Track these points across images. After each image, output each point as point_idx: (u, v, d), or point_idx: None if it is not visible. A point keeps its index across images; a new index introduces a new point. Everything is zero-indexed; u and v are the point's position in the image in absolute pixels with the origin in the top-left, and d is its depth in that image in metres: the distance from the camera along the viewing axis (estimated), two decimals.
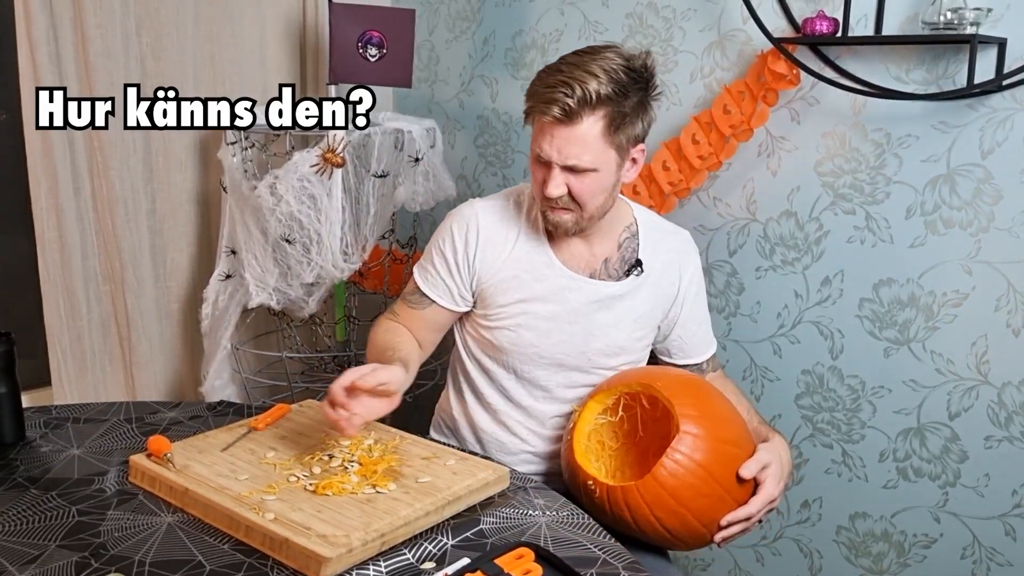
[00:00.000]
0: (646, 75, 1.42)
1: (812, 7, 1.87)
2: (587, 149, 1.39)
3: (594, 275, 1.56)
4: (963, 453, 1.83)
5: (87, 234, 2.12)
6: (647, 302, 1.58)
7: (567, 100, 1.35)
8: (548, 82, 1.38)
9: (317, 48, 2.44)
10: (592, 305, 1.55)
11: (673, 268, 1.60)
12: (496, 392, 1.62)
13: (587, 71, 1.36)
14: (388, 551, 1.10)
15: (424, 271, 1.61)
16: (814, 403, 2.02)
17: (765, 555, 2.15)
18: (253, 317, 2.30)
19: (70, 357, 2.12)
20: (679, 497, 1.34)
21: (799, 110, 1.93)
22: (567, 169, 1.41)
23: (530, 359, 1.57)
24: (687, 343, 1.64)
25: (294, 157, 2.05)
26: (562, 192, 1.42)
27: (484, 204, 1.61)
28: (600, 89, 1.35)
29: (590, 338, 1.56)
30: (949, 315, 1.80)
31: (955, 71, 1.72)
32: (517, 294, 1.55)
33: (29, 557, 1.08)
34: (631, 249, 1.58)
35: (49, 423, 1.50)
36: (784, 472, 1.45)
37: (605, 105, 1.36)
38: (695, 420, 1.37)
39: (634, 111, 1.40)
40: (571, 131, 1.37)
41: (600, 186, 1.44)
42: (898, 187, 1.83)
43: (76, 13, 2.00)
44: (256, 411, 1.53)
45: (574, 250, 1.56)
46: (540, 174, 1.45)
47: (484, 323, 1.58)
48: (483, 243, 1.56)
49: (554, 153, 1.40)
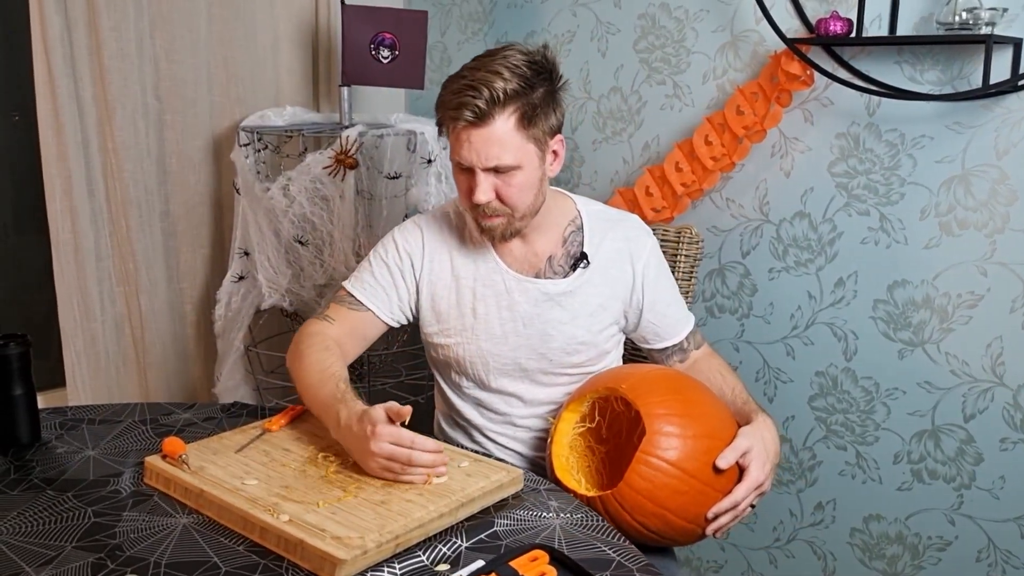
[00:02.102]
0: (548, 66, 1.42)
1: (826, 7, 1.87)
2: (505, 147, 1.39)
3: (540, 274, 1.55)
4: (978, 455, 1.82)
5: (101, 236, 2.13)
6: (600, 294, 1.56)
7: (476, 102, 1.36)
8: (453, 89, 1.39)
9: (329, 50, 2.44)
10: (542, 305, 1.54)
11: (623, 255, 1.57)
12: (472, 407, 1.62)
13: (490, 71, 1.37)
14: (402, 553, 1.10)
15: (360, 281, 1.58)
16: (828, 405, 2.01)
17: (778, 557, 2.15)
18: (266, 318, 2.31)
19: (84, 358, 2.13)
20: (656, 499, 1.32)
21: (813, 111, 1.93)
22: (491, 171, 1.41)
23: (492, 368, 1.57)
24: (660, 326, 1.60)
25: (307, 159, 2.05)
26: (490, 197, 1.42)
27: (427, 218, 1.61)
28: (506, 86, 1.36)
29: (547, 338, 1.55)
30: (964, 316, 1.79)
31: (970, 71, 1.71)
32: (468, 304, 1.55)
33: (46, 558, 1.08)
34: (576, 243, 1.56)
35: (64, 424, 1.50)
36: (770, 454, 1.40)
37: (513, 101, 1.37)
38: (664, 418, 1.34)
39: (544, 102, 1.41)
40: (486, 132, 1.38)
41: (527, 183, 1.43)
42: (912, 188, 1.82)
43: (90, 15, 2.01)
44: (269, 412, 1.54)
45: (516, 252, 1.56)
46: (464, 183, 1.45)
47: (441, 340, 1.58)
48: (429, 254, 1.56)
49: (474, 157, 1.40)
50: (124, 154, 2.11)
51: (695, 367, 1.60)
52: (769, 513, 2.14)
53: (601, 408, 1.50)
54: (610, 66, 2.25)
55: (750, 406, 1.50)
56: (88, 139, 2.06)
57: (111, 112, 2.07)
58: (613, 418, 1.52)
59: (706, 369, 1.59)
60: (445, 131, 1.45)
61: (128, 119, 2.10)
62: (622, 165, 2.27)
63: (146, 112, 2.14)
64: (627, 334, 1.64)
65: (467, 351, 1.57)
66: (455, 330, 1.57)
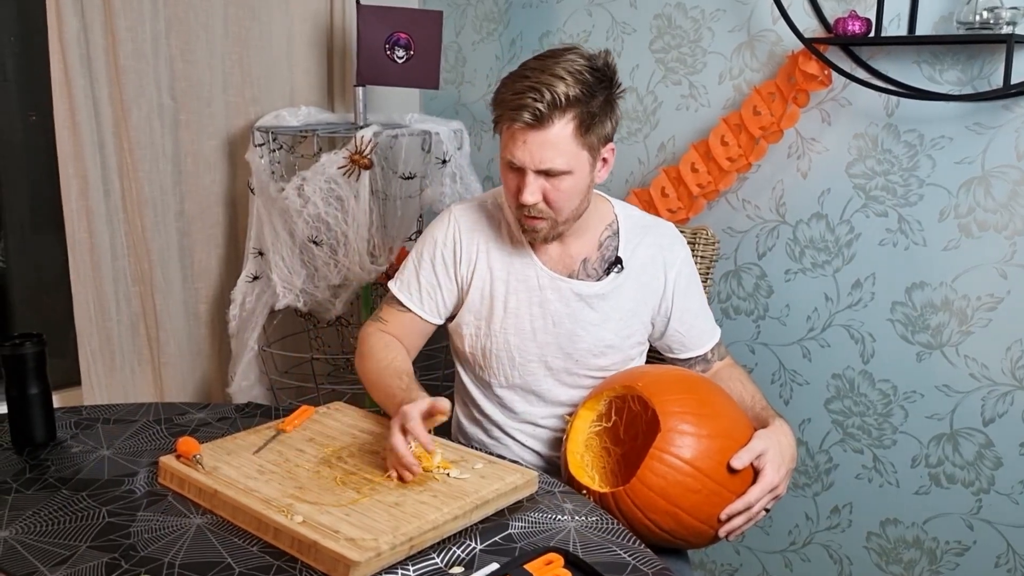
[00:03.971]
0: (609, 73, 1.42)
1: (844, 7, 1.85)
2: (560, 152, 1.38)
3: (573, 275, 1.55)
4: (997, 459, 1.80)
5: (117, 235, 2.13)
6: (631, 299, 1.56)
7: (537, 105, 1.35)
8: (515, 89, 1.38)
9: (344, 50, 2.44)
10: (573, 305, 1.54)
11: (656, 263, 1.57)
12: (492, 402, 1.62)
13: (553, 74, 1.36)
14: (416, 555, 1.10)
15: (405, 284, 1.60)
16: (844, 407, 1.99)
17: (794, 561, 2.13)
18: (280, 318, 2.31)
19: (99, 357, 2.14)
20: (669, 497, 1.31)
21: (830, 111, 1.91)
22: (541, 174, 1.41)
23: (517, 363, 1.57)
24: (686, 336, 1.61)
25: (321, 159, 2.05)
26: (537, 199, 1.42)
27: (463, 208, 1.61)
28: (568, 92, 1.35)
29: (575, 338, 1.55)
30: (983, 319, 1.77)
31: (990, 71, 1.70)
32: (500, 296, 1.56)
33: (60, 558, 1.09)
34: (612, 248, 1.57)
35: (79, 423, 1.51)
36: (785, 457, 1.40)
37: (574, 107, 1.37)
38: (679, 416, 1.34)
39: (602, 110, 1.41)
40: (543, 135, 1.37)
41: (575, 189, 1.43)
42: (931, 189, 1.81)
43: (107, 16, 2.02)
44: (283, 412, 1.53)
45: (552, 252, 1.56)
46: (513, 182, 1.45)
47: (470, 330, 1.58)
48: (465, 247, 1.57)
49: (527, 158, 1.39)
50: (139, 154, 2.12)
51: (716, 376, 1.60)
52: (785, 516, 2.13)
53: (618, 409, 1.50)
54: (626, 66, 2.24)
55: (768, 412, 1.50)
56: (104, 139, 2.07)
57: (127, 112, 2.08)
58: (630, 420, 1.51)
59: (727, 378, 1.59)
60: (499, 129, 1.44)
61: (144, 119, 2.11)
62: (637, 166, 2.26)
63: (161, 112, 2.15)
64: (652, 342, 1.64)
65: (494, 343, 1.57)
66: (484, 321, 1.57)
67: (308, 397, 2.34)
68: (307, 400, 2.28)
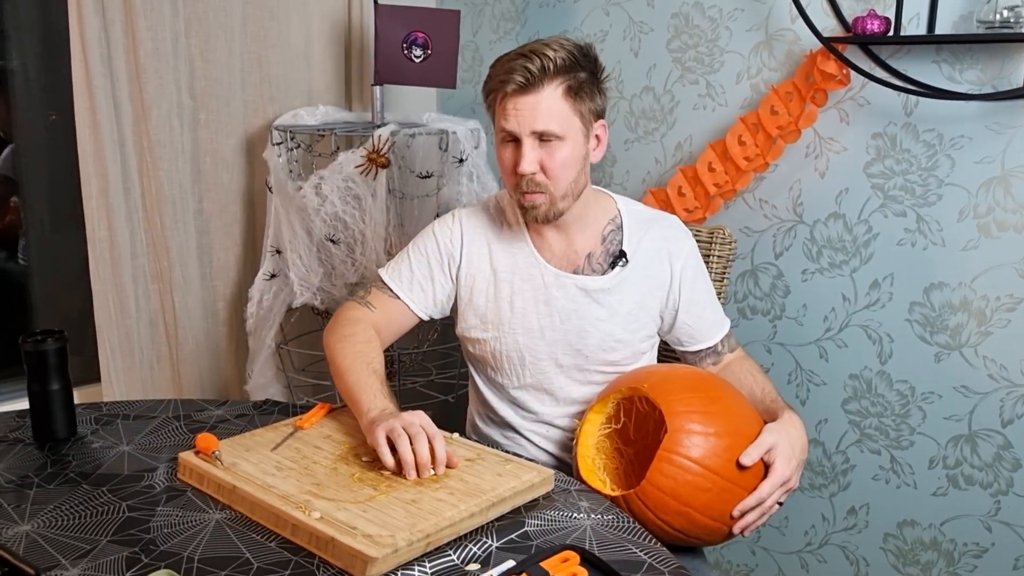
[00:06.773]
0: (592, 56, 1.47)
1: (863, 6, 1.84)
2: (553, 114, 1.42)
3: (578, 271, 1.56)
4: (1016, 461, 1.79)
5: (136, 233, 2.15)
6: (638, 292, 1.56)
7: (527, 66, 1.40)
8: (504, 59, 1.45)
9: (362, 49, 2.45)
10: (580, 301, 1.55)
11: (662, 255, 1.57)
12: (506, 404, 1.63)
13: (541, 44, 1.43)
14: (432, 552, 1.10)
15: (398, 273, 1.59)
16: (862, 408, 1.98)
17: (810, 561, 2.13)
18: (297, 316, 2.32)
19: (119, 354, 2.16)
20: (680, 497, 1.31)
21: (848, 110, 1.90)
22: (536, 140, 1.43)
23: (528, 363, 1.57)
24: (695, 328, 1.60)
25: (339, 158, 2.06)
26: (535, 168, 1.43)
27: (466, 211, 1.62)
28: (556, 56, 1.41)
29: (584, 334, 1.55)
30: (1003, 320, 1.76)
31: (1011, 71, 1.69)
32: (505, 298, 1.56)
33: (81, 551, 1.10)
34: (615, 242, 1.57)
35: (100, 419, 1.52)
36: (796, 450, 1.39)
37: (562, 73, 1.41)
38: (686, 416, 1.34)
39: (589, 83, 1.45)
40: (535, 98, 1.41)
41: (571, 158, 1.45)
42: (950, 189, 1.80)
43: (127, 16, 2.04)
44: (301, 410, 1.54)
45: (555, 248, 1.56)
46: (510, 157, 1.46)
47: (478, 335, 1.59)
48: (467, 248, 1.58)
49: (521, 122, 1.42)
50: (159, 152, 2.13)
51: (727, 369, 1.60)
52: (801, 517, 2.12)
53: (627, 409, 1.50)
54: (643, 65, 2.24)
55: (778, 404, 1.49)
56: (124, 138, 2.08)
57: (147, 111, 2.10)
58: (640, 420, 1.51)
59: (738, 371, 1.58)
60: (492, 106, 1.47)
61: (163, 118, 2.13)
62: (654, 165, 2.26)
63: (181, 111, 2.17)
64: (662, 336, 1.63)
65: (504, 345, 1.57)
66: (492, 324, 1.57)
67: (325, 395, 2.35)
68: (324, 397, 2.29)
